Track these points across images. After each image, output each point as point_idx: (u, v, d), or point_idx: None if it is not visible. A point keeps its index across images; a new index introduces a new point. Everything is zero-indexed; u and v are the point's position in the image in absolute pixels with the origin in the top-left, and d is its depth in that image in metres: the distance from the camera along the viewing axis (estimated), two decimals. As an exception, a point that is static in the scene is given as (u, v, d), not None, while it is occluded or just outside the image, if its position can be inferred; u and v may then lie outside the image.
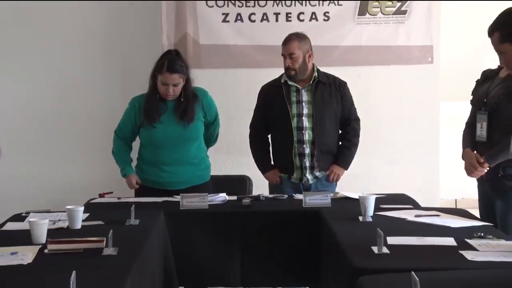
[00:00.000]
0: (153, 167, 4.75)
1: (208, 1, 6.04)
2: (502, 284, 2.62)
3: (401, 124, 6.10)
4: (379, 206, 3.96)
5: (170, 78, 4.58)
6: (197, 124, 4.73)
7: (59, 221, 3.70)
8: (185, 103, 4.67)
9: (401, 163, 6.05)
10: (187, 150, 4.74)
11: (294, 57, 4.76)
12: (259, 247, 4.11)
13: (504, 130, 3.93)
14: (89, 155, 6.29)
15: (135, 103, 4.79)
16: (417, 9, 6.04)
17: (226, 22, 6.09)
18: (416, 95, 6.10)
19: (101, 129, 6.21)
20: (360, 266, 2.86)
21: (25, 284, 2.67)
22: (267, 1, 6.06)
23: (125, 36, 6.31)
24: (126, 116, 4.84)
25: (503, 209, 3.97)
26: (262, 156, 5.03)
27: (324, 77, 4.88)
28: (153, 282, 3.52)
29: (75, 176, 6.20)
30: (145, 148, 4.78)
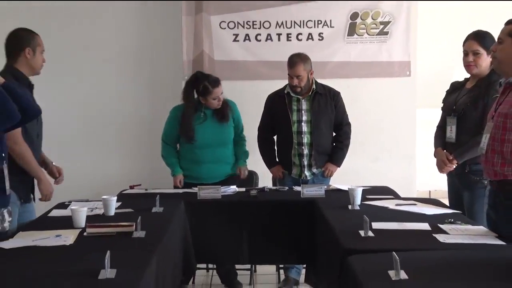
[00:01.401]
0: (192, 164, 4.75)
1: (221, 23, 6.05)
2: (469, 262, 2.61)
3: (384, 127, 6.09)
4: (365, 197, 3.96)
5: (218, 91, 4.64)
6: (229, 129, 4.77)
7: (96, 208, 3.72)
8: (222, 108, 4.71)
9: (383, 161, 6.05)
10: (223, 151, 4.75)
11: (300, 77, 4.73)
12: (264, 231, 4.12)
13: (470, 132, 3.93)
14: (121, 154, 6.30)
15: (177, 112, 4.78)
16: (397, 31, 6.04)
17: (236, 41, 6.09)
18: (396, 103, 6.09)
19: (132, 132, 6.24)
20: (349, 247, 2.87)
21: (68, 262, 2.68)
22: (270, 24, 6.07)
23: (152, 54, 6.32)
24: (169, 124, 4.82)
25: (469, 199, 3.96)
26: (268, 154, 5.01)
27: (321, 88, 4.85)
28: (175, 260, 3.53)
29: (109, 171, 6.21)
30: (186, 149, 4.77)
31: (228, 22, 6.08)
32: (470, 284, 2.32)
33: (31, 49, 3.78)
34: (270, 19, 6.07)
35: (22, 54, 3.77)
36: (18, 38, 3.82)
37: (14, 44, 3.80)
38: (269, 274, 5.15)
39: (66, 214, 3.48)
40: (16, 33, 3.85)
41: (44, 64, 3.93)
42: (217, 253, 4.21)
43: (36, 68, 3.86)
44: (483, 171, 3.43)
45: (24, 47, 3.76)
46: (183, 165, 4.79)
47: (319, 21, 6.08)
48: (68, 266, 2.59)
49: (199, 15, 6.05)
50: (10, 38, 3.85)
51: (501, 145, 3.22)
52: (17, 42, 3.80)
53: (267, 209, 4.15)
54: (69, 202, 3.95)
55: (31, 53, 3.78)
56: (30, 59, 3.78)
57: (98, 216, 3.57)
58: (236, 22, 6.08)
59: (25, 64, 3.79)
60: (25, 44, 3.78)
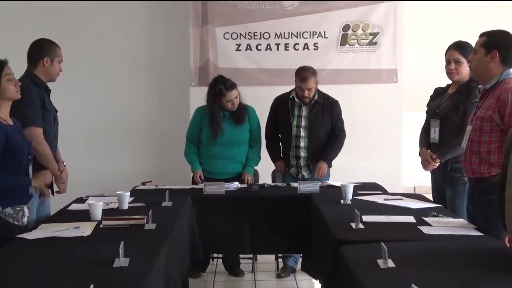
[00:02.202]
0: (209, 160, 4.72)
1: (225, 34, 6.05)
2: (450, 251, 2.62)
3: (373, 129, 6.08)
4: (356, 192, 3.94)
5: (231, 94, 4.62)
6: (245, 130, 4.73)
7: (111, 203, 3.71)
8: (239, 111, 4.69)
9: (373, 159, 6.04)
10: (236, 150, 4.72)
11: (310, 89, 4.70)
12: (264, 223, 4.10)
13: (452, 134, 3.94)
14: (134, 153, 6.30)
15: (199, 113, 4.78)
16: (385, 41, 6.04)
17: (239, 50, 6.08)
18: (384, 107, 6.08)
19: (143, 133, 6.25)
20: (341, 238, 2.87)
21: (85, 251, 2.68)
22: (270, 35, 6.06)
23: (162, 62, 6.31)
24: (194, 124, 4.80)
25: (451, 195, 3.96)
26: (273, 151, 4.97)
27: (321, 97, 4.80)
28: (183, 250, 3.53)
29: (123, 168, 6.20)
30: (205, 144, 4.73)
31: (231, 33, 6.07)
32: (451, 271, 2.32)
33: (50, 58, 3.81)
34: (269, 30, 6.06)
35: (41, 62, 3.79)
36: (40, 47, 3.84)
37: (36, 52, 3.82)
38: (269, 263, 5.16)
39: (84, 208, 3.47)
40: (39, 42, 3.88)
41: (60, 73, 3.94)
42: (222, 244, 4.19)
43: (52, 75, 3.87)
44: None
45: (44, 56, 3.79)
46: (200, 159, 4.77)
47: (314, 32, 6.08)
48: (86, 255, 2.59)
49: (205, 27, 6.05)
50: (33, 46, 3.87)
51: (478, 146, 3.23)
52: (38, 50, 3.82)
53: (267, 204, 4.14)
54: (87, 197, 3.95)
55: (49, 62, 3.80)
56: (48, 67, 3.80)
57: (113, 209, 3.56)
58: (238, 33, 6.07)
59: (43, 71, 3.81)
60: (45, 53, 3.80)
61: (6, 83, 3.12)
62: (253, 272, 5.00)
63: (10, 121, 3.20)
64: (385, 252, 2.39)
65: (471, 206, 3.38)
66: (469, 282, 2.17)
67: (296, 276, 4.85)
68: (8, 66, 3.19)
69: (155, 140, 5.99)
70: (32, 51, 3.85)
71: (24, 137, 3.29)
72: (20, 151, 3.14)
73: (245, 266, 5.04)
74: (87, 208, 3.35)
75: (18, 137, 3.16)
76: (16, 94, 3.20)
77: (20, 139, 3.18)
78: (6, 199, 3.09)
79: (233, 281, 4.86)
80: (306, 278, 4.67)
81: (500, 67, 3.22)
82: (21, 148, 3.16)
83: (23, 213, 3.17)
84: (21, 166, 3.17)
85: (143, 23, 6.31)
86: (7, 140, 3.06)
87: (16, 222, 3.11)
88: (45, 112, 3.73)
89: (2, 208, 3.07)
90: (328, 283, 3.06)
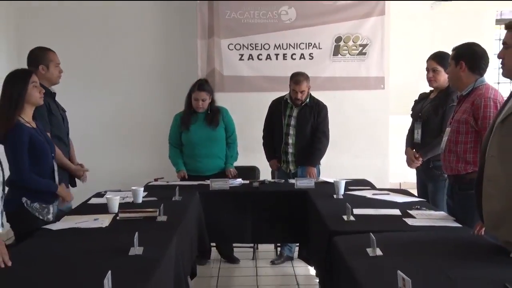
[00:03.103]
0: (191, 160, 4.70)
1: (229, 45, 6.05)
2: (432, 240, 2.63)
3: (363, 130, 6.08)
4: (348, 188, 3.94)
5: (200, 95, 4.58)
6: (220, 130, 4.68)
7: (127, 197, 3.71)
8: (212, 114, 4.65)
9: (362, 158, 6.03)
10: (214, 147, 4.67)
11: (303, 92, 4.70)
12: (264, 216, 4.09)
13: (432, 135, 3.94)
14: (147, 153, 6.29)
15: (178, 118, 4.77)
16: (373, 52, 6.04)
17: (242, 60, 6.08)
18: (373, 111, 6.08)
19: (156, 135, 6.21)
20: (334, 229, 2.88)
21: (104, 241, 2.69)
22: (270, 46, 6.06)
23: (172, 71, 6.29)
24: (173, 128, 4.79)
25: (433, 190, 3.96)
26: (268, 150, 4.98)
27: (311, 101, 4.80)
28: (191, 239, 3.53)
29: (138, 166, 6.19)
30: (185, 147, 4.71)
31: (235, 44, 6.07)
32: (433, 258, 2.32)
33: (44, 65, 3.71)
34: (269, 42, 6.06)
35: (38, 71, 3.66)
36: (33, 57, 3.75)
37: (31, 63, 3.73)
38: (268, 251, 5.16)
39: (103, 202, 3.49)
40: (32, 52, 3.78)
41: (61, 75, 3.83)
42: (226, 234, 4.19)
43: (52, 80, 3.78)
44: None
45: (39, 64, 3.70)
46: (184, 160, 4.74)
47: (309, 44, 6.08)
48: (104, 244, 2.60)
49: (211, 39, 6.05)
50: (28, 57, 3.78)
51: (455, 146, 3.24)
52: (33, 60, 3.74)
53: (266, 198, 4.13)
54: (105, 192, 3.96)
55: (45, 69, 3.71)
56: (45, 73, 3.69)
57: (128, 203, 3.57)
58: (241, 44, 6.07)
59: (43, 78, 3.65)
60: (39, 61, 3.71)
61: (32, 89, 3.13)
62: (254, 260, 5.01)
63: (33, 124, 3.21)
64: (374, 241, 2.40)
65: (451, 200, 3.39)
66: (449, 268, 2.17)
67: (293, 263, 4.86)
68: (34, 75, 3.19)
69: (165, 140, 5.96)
70: (28, 62, 3.75)
71: (47, 138, 3.30)
72: (43, 151, 3.16)
73: (247, 255, 5.05)
74: (106, 202, 3.36)
75: (41, 138, 3.17)
76: (40, 100, 3.21)
77: (43, 140, 3.19)
78: (34, 196, 3.11)
79: (237, 267, 4.87)
80: (302, 265, 4.68)
81: (471, 75, 3.24)
82: (45, 148, 3.17)
83: (48, 211, 3.19)
84: (46, 165, 3.19)
85: (155, 36, 6.30)
86: (31, 140, 3.07)
87: (41, 217, 3.13)
88: (52, 116, 3.66)
89: (30, 202, 3.09)
90: (322, 269, 3.07)
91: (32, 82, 3.13)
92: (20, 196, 3.07)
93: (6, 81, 3.13)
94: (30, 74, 3.16)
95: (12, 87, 3.09)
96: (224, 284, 4.49)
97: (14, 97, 3.07)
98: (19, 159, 3.06)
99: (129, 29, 6.26)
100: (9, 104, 3.07)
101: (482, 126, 3.10)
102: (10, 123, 3.04)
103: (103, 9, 6.19)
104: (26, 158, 3.06)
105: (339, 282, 2.52)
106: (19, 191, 3.08)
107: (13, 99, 3.07)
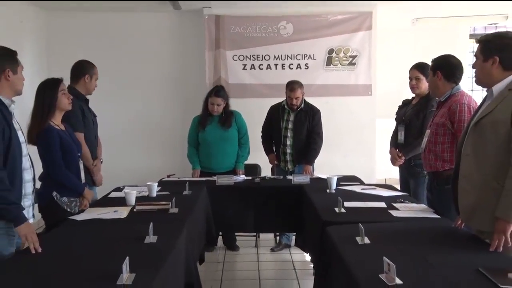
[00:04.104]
0: (206, 158, 4.69)
1: (234, 56, 6.07)
2: (414, 230, 2.64)
3: (352, 132, 6.09)
4: (339, 183, 3.93)
5: (215, 100, 4.58)
6: (232, 131, 4.68)
7: (143, 191, 3.71)
8: (225, 117, 4.65)
9: (352, 156, 6.05)
10: (226, 146, 4.66)
11: (298, 98, 4.70)
12: (265, 208, 4.08)
13: (414, 136, 3.94)
14: (160, 152, 6.31)
15: (195, 120, 4.76)
16: (361, 62, 6.06)
17: (245, 69, 6.11)
18: (361, 115, 6.10)
19: (169, 136, 6.26)
20: (327, 220, 2.88)
21: (122, 230, 2.71)
22: (270, 57, 6.09)
23: (183, 79, 6.33)
24: (191, 129, 4.77)
25: (414, 185, 3.95)
26: (267, 147, 4.97)
27: (306, 106, 4.79)
28: (200, 229, 3.53)
29: (152, 164, 6.21)
30: (201, 145, 4.70)
31: (239, 55, 6.09)
32: (414, 245, 2.33)
33: (90, 76, 3.79)
34: (269, 53, 6.09)
35: (83, 79, 3.77)
36: (82, 66, 3.82)
37: (78, 71, 3.79)
38: (269, 240, 5.17)
39: (121, 196, 3.49)
40: (80, 63, 3.85)
41: (95, 88, 3.90)
42: (231, 224, 4.17)
43: (90, 90, 3.85)
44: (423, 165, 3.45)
45: (85, 74, 3.77)
46: (200, 159, 4.73)
47: (305, 55, 6.10)
48: (122, 233, 2.61)
49: (218, 51, 6.07)
50: (76, 66, 3.84)
51: (434, 146, 3.25)
52: (80, 69, 3.80)
53: (267, 192, 4.12)
54: (123, 187, 3.96)
55: (89, 79, 3.78)
56: (88, 83, 3.78)
57: (144, 197, 3.58)
58: (244, 56, 6.09)
59: (83, 86, 3.79)
60: (85, 72, 3.78)
61: (61, 96, 3.15)
62: (256, 247, 5.01)
63: (62, 127, 3.22)
64: (362, 231, 2.40)
65: (430, 194, 3.39)
66: (428, 254, 2.17)
67: (291, 250, 4.86)
68: (63, 83, 3.21)
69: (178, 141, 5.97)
70: (75, 70, 3.81)
71: (74, 139, 3.31)
72: (71, 150, 3.17)
73: (249, 243, 5.05)
74: (124, 196, 3.36)
75: (69, 140, 3.19)
76: (68, 106, 3.22)
77: (70, 141, 3.20)
78: (64, 191, 3.13)
79: (240, 254, 4.87)
80: (298, 252, 4.67)
81: (447, 83, 3.25)
82: (72, 148, 3.19)
83: (75, 204, 3.20)
84: (73, 163, 3.20)
85: (169, 49, 6.33)
86: (61, 141, 3.10)
87: (69, 210, 3.14)
88: (85, 119, 3.71)
89: (60, 196, 3.10)
90: (316, 255, 3.06)
91: (61, 90, 3.14)
92: (51, 191, 3.09)
93: (39, 90, 3.15)
94: (59, 83, 3.17)
95: (44, 94, 3.11)
96: (229, 269, 4.49)
97: (46, 104, 3.09)
98: (54, 157, 3.08)
99: (147, 44, 6.31)
100: (41, 110, 3.08)
101: (457, 128, 3.11)
102: (42, 127, 3.06)
103: (126, 26, 6.26)
104: (60, 156, 3.09)
105: (332, 267, 2.52)
106: (50, 186, 3.10)
107: (45, 105, 3.09)
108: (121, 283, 1.88)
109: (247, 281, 4.23)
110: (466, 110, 3.11)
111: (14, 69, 2.55)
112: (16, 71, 2.56)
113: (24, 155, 2.58)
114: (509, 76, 2.41)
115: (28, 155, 2.64)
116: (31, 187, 2.64)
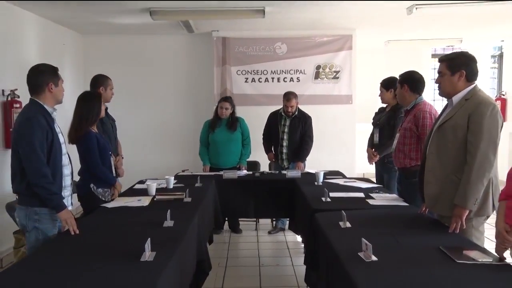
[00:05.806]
0: (214, 156, 4.67)
1: (237, 71, 6.06)
2: (387, 216, 2.64)
3: (336, 135, 6.08)
4: (326, 177, 3.95)
5: (224, 104, 4.61)
6: (237, 133, 4.67)
7: (162, 184, 3.71)
8: (232, 121, 4.65)
9: (336, 155, 6.04)
10: (232, 146, 4.65)
11: (293, 107, 4.68)
12: (263, 197, 4.08)
13: (386, 138, 3.93)
14: (176, 151, 6.30)
15: (206, 123, 4.75)
16: (344, 76, 6.05)
17: (247, 82, 6.10)
18: (344, 120, 6.09)
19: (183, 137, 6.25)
20: (315, 208, 2.88)
21: (145, 216, 2.70)
22: (268, 72, 6.07)
23: (195, 90, 6.32)
24: (203, 131, 4.76)
25: (387, 179, 3.94)
26: (267, 146, 4.94)
27: (299, 113, 4.77)
28: (209, 215, 3.53)
29: (169, 161, 6.19)
30: (211, 145, 4.69)
31: (242, 70, 6.08)
32: (388, 229, 2.34)
33: (104, 87, 3.70)
34: (267, 69, 6.08)
35: (98, 90, 3.63)
36: (96, 80, 3.74)
37: (94, 84, 3.72)
38: (266, 224, 5.17)
39: (144, 187, 3.50)
40: (95, 77, 3.77)
41: (113, 96, 3.81)
42: (235, 211, 4.17)
43: (107, 98, 3.72)
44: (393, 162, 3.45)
45: (100, 86, 3.69)
46: (209, 156, 4.71)
47: (296, 70, 6.09)
48: (145, 218, 2.61)
49: (224, 67, 6.06)
50: (92, 80, 3.76)
51: (403, 146, 3.24)
52: (95, 83, 3.72)
53: (265, 184, 4.11)
54: (145, 180, 3.97)
55: (103, 90, 3.68)
56: (103, 93, 3.62)
57: (162, 188, 3.58)
58: (246, 71, 6.08)
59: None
60: (100, 84, 3.70)
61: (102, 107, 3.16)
62: (256, 230, 5.01)
63: (96, 130, 3.22)
64: (344, 217, 2.41)
65: (400, 186, 3.39)
66: (398, 236, 2.18)
67: (285, 233, 4.86)
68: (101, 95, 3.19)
69: (190, 141, 5.98)
70: (92, 83, 3.74)
71: (106, 140, 3.30)
72: (105, 150, 3.17)
73: (250, 226, 5.05)
74: (146, 187, 3.37)
75: (103, 140, 3.19)
76: (103, 113, 3.28)
77: (104, 142, 3.20)
78: (99, 183, 3.12)
79: (243, 236, 4.87)
80: (291, 234, 4.69)
81: (412, 94, 3.27)
82: (106, 148, 3.18)
83: (108, 193, 3.19)
84: (107, 159, 3.19)
85: (184, 65, 6.32)
86: (98, 142, 3.09)
87: (103, 199, 3.13)
88: (103, 125, 3.60)
89: (96, 188, 3.10)
90: (306, 238, 3.06)
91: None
92: (88, 183, 3.08)
93: (80, 100, 3.11)
94: (100, 95, 3.17)
95: (87, 104, 3.09)
96: (233, 248, 4.49)
97: (91, 113, 3.06)
98: (93, 157, 3.06)
99: (165, 61, 6.30)
100: (82, 117, 3.06)
101: (421, 131, 3.11)
102: (81, 132, 3.04)
103: (148, 46, 6.26)
104: (98, 155, 3.08)
105: (319, 247, 2.53)
106: (88, 180, 3.09)
107: (89, 114, 3.06)
108: (144, 260, 1.89)
109: (249, 258, 4.23)
110: (428, 117, 3.11)
111: (56, 83, 2.54)
112: (58, 84, 2.55)
113: (63, 153, 2.58)
114: (468, 87, 2.42)
115: (67, 154, 2.65)
116: (70, 180, 2.64)
